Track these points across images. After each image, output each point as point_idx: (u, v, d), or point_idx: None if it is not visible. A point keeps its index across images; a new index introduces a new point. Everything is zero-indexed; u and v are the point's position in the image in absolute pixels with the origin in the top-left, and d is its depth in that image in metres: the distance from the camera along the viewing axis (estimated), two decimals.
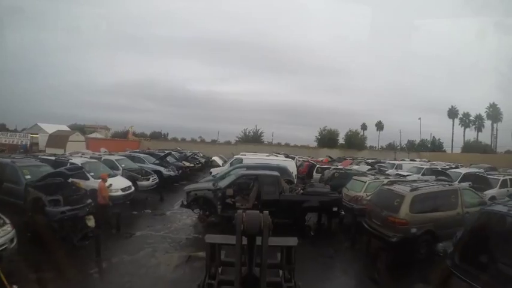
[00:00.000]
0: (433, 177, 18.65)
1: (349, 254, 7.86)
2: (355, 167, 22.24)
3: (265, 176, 9.08)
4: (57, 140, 27.81)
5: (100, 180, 8.96)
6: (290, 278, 2.71)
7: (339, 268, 7.01)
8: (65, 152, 23.35)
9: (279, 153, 24.24)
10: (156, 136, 55.87)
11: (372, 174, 11.43)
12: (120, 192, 10.16)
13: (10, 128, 47.92)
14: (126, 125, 51.23)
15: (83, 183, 9.77)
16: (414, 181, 9.41)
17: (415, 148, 53.23)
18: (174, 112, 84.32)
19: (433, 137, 56.21)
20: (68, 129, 38.07)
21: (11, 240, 5.60)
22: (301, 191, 9.19)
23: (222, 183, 9.40)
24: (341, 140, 49.95)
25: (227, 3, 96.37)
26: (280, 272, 2.72)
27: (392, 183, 8.46)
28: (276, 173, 9.31)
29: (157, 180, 13.36)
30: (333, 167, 15.82)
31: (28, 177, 8.80)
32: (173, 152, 23.30)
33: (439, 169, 18.35)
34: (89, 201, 8.65)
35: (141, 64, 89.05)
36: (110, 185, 9.71)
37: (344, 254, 7.82)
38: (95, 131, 50.88)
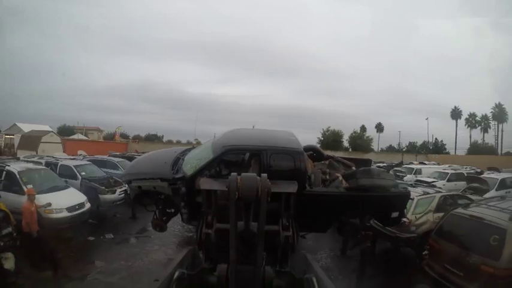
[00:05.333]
0: (457, 183, 16.48)
1: None
2: None
3: (274, 150, 4.87)
4: (29, 141, 24.62)
5: (26, 198, 6.09)
6: (288, 225, 2.59)
7: None
8: (36, 154, 20.77)
9: None
10: (151, 138, 52.90)
11: (412, 184, 8.43)
12: (64, 214, 7.20)
13: None
14: (122, 127, 48.10)
15: (13, 201, 6.87)
16: (492, 198, 6.52)
17: (417, 150, 51.01)
18: (172, 114, 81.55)
19: (436, 138, 54.20)
20: (50, 129, 34.75)
21: None
22: (345, 182, 5.12)
23: (189, 165, 5.24)
24: (345, 142, 47.29)
25: (225, 7, 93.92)
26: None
27: (468, 205, 5.59)
28: (294, 144, 5.14)
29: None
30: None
31: None
32: None
33: (472, 174, 15.74)
34: (8, 229, 5.81)
35: (138, 66, 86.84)
36: (48, 204, 6.90)
37: None
38: (87, 132, 47.90)
